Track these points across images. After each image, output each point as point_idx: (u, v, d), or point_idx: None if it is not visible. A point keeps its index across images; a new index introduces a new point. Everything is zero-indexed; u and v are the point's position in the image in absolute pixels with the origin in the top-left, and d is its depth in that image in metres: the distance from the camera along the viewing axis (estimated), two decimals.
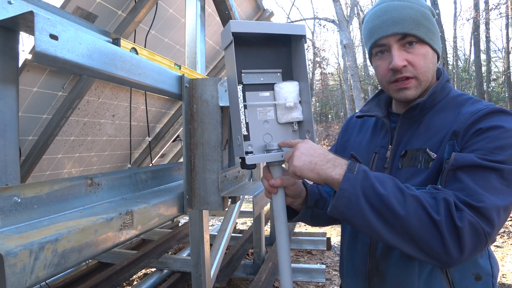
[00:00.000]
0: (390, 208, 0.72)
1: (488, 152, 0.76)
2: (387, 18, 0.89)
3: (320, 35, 32.34)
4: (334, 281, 3.54)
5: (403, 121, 0.97)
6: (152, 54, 1.31)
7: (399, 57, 0.88)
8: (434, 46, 0.91)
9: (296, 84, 0.95)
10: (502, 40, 28.62)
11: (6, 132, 0.72)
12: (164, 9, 2.28)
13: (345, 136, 1.17)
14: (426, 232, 0.71)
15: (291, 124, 0.96)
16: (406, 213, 0.72)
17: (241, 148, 0.87)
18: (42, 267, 0.58)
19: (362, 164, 0.80)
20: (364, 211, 0.74)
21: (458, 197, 0.73)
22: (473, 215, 0.71)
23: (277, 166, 0.93)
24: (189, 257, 3.29)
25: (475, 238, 0.71)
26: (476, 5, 14.97)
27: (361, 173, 0.76)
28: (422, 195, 0.75)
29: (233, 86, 0.88)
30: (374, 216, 0.74)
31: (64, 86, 2.00)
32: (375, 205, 0.73)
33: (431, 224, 0.71)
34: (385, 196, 0.73)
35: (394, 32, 0.88)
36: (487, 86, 16.26)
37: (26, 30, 0.70)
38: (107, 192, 0.94)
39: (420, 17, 0.88)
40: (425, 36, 0.88)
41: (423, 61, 0.89)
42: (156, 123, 3.36)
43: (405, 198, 0.73)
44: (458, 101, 0.93)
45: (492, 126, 0.79)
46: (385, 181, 0.76)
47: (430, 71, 0.91)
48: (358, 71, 12.23)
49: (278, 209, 0.94)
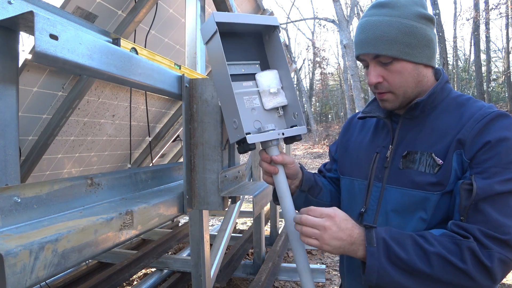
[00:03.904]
0: (417, 269, 0.79)
1: (502, 169, 0.80)
2: (364, 37, 0.91)
3: (320, 35, 32.38)
4: (334, 281, 3.54)
5: (403, 122, 0.97)
6: (152, 54, 1.31)
7: (373, 74, 0.92)
8: (413, 60, 0.89)
9: (276, 72, 1.01)
10: (502, 40, 28.63)
11: (6, 132, 0.72)
12: (164, 9, 2.28)
13: (346, 136, 1.18)
14: (457, 280, 0.78)
15: (277, 109, 1.02)
16: (432, 271, 0.78)
17: (241, 128, 0.88)
18: (42, 267, 0.58)
19: (378, 229, 0.85)
20: (396, 278, 0.80)
21: (483, 233, 0.78)
22: (501, 249, 0.77)
23: (274, 147, 0.96)
24: (189, 257, 3.29)
25: (505, 269, 0.78)
26: (476, 5, 14.98)
27: (381, 243, 0.82)
28: (444, 244, 0.79)
29: (223, 72, 0.90)
30: (406, 279, 0.80)
31: (64, 86, 2.00)
32: (404, 269, 0.80)
33: (459, 272, 0.77)
34: (408, 260, 0.79)
35: (368, 52, 0.91)
36: (487, 86, 16.26)
37: (26, 30, 0.70)
38: (107, 192, 0.94)
39: (396, 34, 0.87)
40: (399, 54, 0.88)
41: (398, 77, 0.91)
42: (156, 123, 3.36)
43: (427, 256, 0.79)
44: (459, 101, 0.94)
45: (500, 138, 0.82)
46: (405, 242, 0.82)
47: (409, 84, 0.92)
48: (358, 71, 12.23)
49: (282, 188, 0.96)
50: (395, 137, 0.97)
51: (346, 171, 1.11)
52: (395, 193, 0.93)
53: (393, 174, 0.94)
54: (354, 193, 1.05)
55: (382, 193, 0.95)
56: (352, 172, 1.08)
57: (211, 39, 0.91)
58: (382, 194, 0.95)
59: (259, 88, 1.00)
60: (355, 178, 1.06)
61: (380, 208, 0.96)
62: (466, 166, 0.83)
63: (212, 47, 0.92)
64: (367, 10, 0.95)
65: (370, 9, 0.93)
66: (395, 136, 0.97)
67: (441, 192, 0.85)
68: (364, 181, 1.02)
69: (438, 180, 0.86)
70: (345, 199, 1.11)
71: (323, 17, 15.75)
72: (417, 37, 0.88)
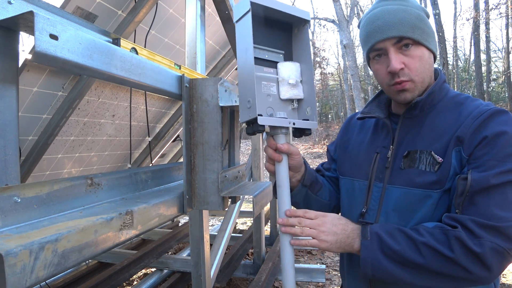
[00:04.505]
0: (409, 259, 0.80)
1: (498, 162, 0.80)
2: (383, 22, 0.90)
3: (320, 35, 32.36)
4: (334, 281, 3.54)
5: (403, 122, 0.98)
6: (152, 54, 1.31)
7: (396, 60, 0.90)
8: (430, 47, 0.92)
9: (298, 65, 1.00)
10: (502, 40, 28.63)
11: (6, 132, 0.72)
12: (164, 9, 2.28)
13: (346, 136, 1.18)
14: (449, 269, 0.78)
15: (292, 101, 1.00)
16: (424, 260, 0.79)
17: (254, 108, 0.87)
18: (42, 267, 0.58)
19: (373, 225, 0.88)
20: (390, 270, 0.82)
21: (475, 222, 0.78)
22: (493, 238, 0.76)
23: (281, 135, 0.96)
24: (189, 257, 3.29)
25: (499, 258, 0.76)
26: (476, 5, 14.98)
27: (375, 237, 0.85)
28: (434, 234, 0.80)
29: (248, 51, 0.89)
30: (400, 270, 0.82)
31: (64, 86, 2.00)
32: (397, 261, 0.82)
33: (448, 262, 0.77)
34: (400, 251, 0.81)
35: (390, 36, 0.89)
36: (487, 86, 16.27)
37: (26, 30, 0.70)
38: (107, 192, 0.94)
39: (415, 20, 0.90)
40: (420, 38, 0.89)
41: (419, 63, 0.91)
42: (156, 123, 3.36)
43: (418, 247, 0.80)
44: (457, 100, 0.94)
45: (497, 132, 0.81)
46: (396, 235, 0.84)
47: (426, 72, 0.92)
48: (358, 71, 12.23)
49: (282, 177, 0.96)
50: (396, 137, 0.98)
51: (346, 172, 1.11)
52: (396, 193, 0.93)
53: (394, 174, 0.94)
54: (354, 193, 1.06)
55: (384, 193, 0.96)
56: (352, 173, 1.08)
57: (242, 17, 0.90)
58: (384, 194, 0.96)
59: (279, 76, 0.99)
60: (355, 179, 1.06)
61: (381, 208, 0.96)
62: (465, 162, 0.84)
63: (241, 26, 0.91)
64: (376, 3, 0.96)
65: (381, 1, 0.95)
66: (396, 136, 0.98)
67: (441, 190, 0.86)
68: (364, 182, 1.02)
69: (438, 178, 0.86)
70: (345, 199, 1.11)
71: (323, 17, 15.75)
72: (428, 27, 0.93)
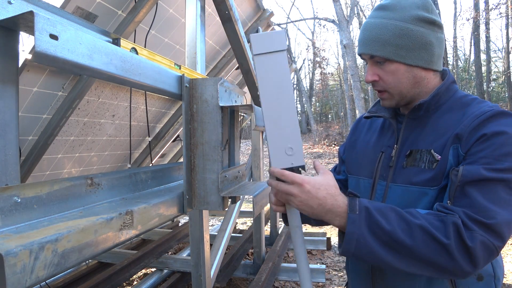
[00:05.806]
0: (398, 241, 0.76)
1: (494, 160, 0.79)
2: (362, 37, 0.97)
3: (320, 35, 32.39)
4: (334, 281, 3.54)
5: (408, 122, 0.99)
6: (152, 54, 1.31)
7: (369, 73, 0.97)
8: (406, 62, 0.91)
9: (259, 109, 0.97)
10: (502, 40, 28.64)
11: (6, 132, 0.72)
12: (164, 9, 2.28)
13: (354, 136, 1.20)
14: (437, 257, 0.75)
15: None
16: (414, 243, 0.75)
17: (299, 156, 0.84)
18: (42, 267, 0.58)
19: (362, 199, 0.82)
20: (375, 249, 0.77)
21: (468, 215, 0.76)
22: (484, 233, 0.74)
23: None
24: (189, 257, 3.29)
25: (487, 254, 0.75)
26: (476, 5, 14.99)
27: (363, 211, 0.79)
28: (429, 220, 0.77)
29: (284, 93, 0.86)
30: (385, 251, 0.77)
31: (64, 86, 2.00)
32: (384, 241, 0.77)
33: (441, 248, 0.74)
34: (391, 230, 0.76)
35: (364, 53, 0.95)
36: (487, 86, 16.27)
37: (26, 30, 0.70)
38: (107, 192, 0.94)
39: (391, 36, 0.90)
40: (391, 55, 0.91)
41: (392, 77, 0.94)
42: (156, 123, 3.36)
43: (411, 228, 0.76)
44: (463, 101, 0.94)
45: (497, 131, 0.81)
46: (388, 214, 0.79)
47: (403, 85, 0.94)
48: (358, 71, 12.23)
49: None
50: (400, 137, 0.99)
51: (353, 170, 1.13)
52: (397, 191, 0.94)
53: (397, 172, 0.96)
54: (359, 191, 1.07)
55: (387, 192, 0.97)
56: (359, 171, 1.10)
57: (272, 53, 0.86)
58: (387, 192, 0.97)
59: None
60: (361, 177, 1.08)
61: None
62: (461, 159, 0.84)
63: (271, 63, 0.87)
64: (371, 12, 1.00)
65: (373, 11, 0.98)
66: (400, 136, 0.99)
67: (438, 187, 0.86)
68: (369, 180, 1.03)
69: (434, 174, 0.87)
70: None
71: (323, 17, 15.75)
72: (412, 39, 0.90)
